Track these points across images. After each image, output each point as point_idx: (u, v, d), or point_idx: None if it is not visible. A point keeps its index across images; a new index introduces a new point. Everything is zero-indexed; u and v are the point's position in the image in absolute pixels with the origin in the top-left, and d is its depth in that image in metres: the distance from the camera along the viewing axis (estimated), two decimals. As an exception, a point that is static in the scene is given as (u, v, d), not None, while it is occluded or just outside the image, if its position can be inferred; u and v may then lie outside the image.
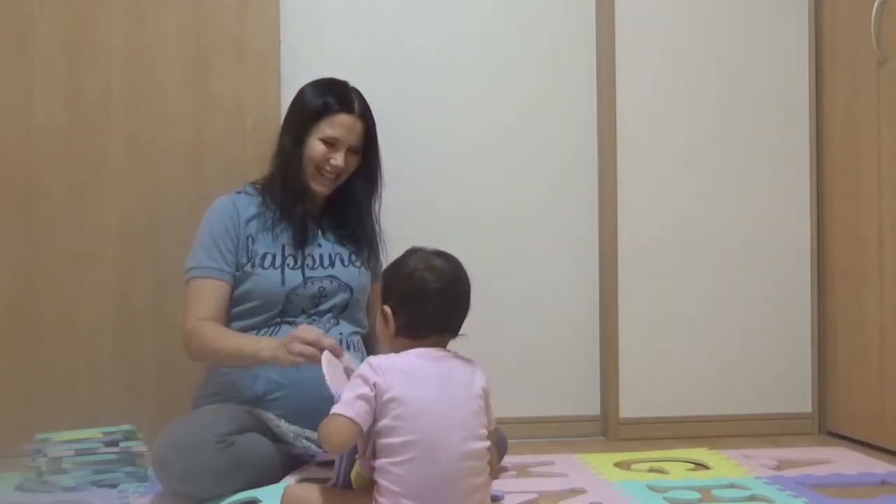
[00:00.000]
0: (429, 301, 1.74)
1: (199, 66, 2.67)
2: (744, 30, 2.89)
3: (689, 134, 2.88)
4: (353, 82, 2.39)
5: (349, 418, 1.63)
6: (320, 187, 2.33)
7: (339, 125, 2.30)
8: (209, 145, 2.66)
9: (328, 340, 1.95)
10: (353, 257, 2.37)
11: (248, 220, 2.30)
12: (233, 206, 2.31)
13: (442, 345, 1.76)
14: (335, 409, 1.65)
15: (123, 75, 2.64)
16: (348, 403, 1.64)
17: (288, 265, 2.28)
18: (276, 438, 2.16)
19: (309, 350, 1.94)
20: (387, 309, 1.76)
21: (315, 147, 2.29)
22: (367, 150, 2.37)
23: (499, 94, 2.85)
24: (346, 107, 2.31)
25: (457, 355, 1.76)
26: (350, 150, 2.32)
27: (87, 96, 2.62)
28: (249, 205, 2.33)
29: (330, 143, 2.29)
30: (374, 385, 1.65)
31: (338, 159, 2.29)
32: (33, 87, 2.60)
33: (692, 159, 2.88)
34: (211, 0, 2.67)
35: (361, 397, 1.64)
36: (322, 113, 2.30)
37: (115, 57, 2.63)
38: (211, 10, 2.67)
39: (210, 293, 2.24)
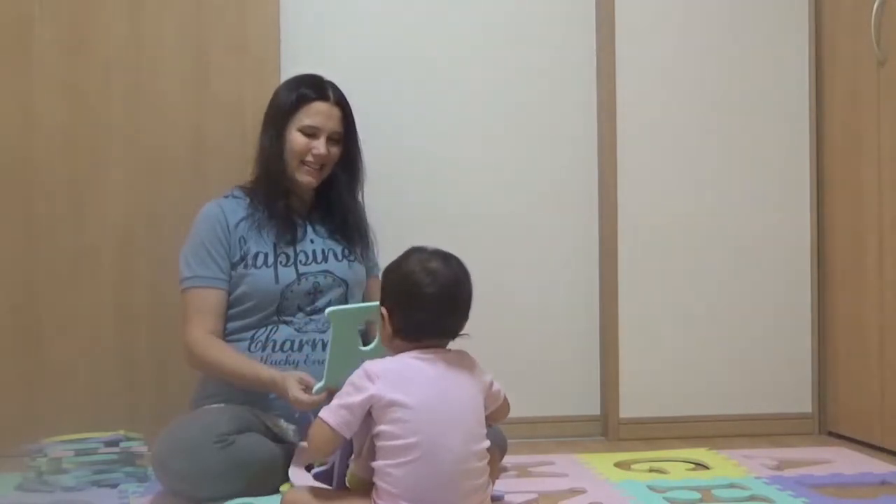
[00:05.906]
0: (424, 305, 1.71)
1: (199, 66, 2.67)
2: (744, 30, 2.89)
3: (689, 134, 2.88)
4: (352, 82, 2.40)
5: (331, 426, 1.64)
6: (307, 178, 2.31)
7: (316, 113, 2.30)
8: (209, 145, 2.66)
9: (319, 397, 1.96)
10: (347, 252, 2.36)
11: (238, 223, 2.29)
12: (220, 211, 2.30)
13: (440, 346, 1.74)
14: (321, 414, 1.67)
15: (123, 75, 2.64)
16: (333, 410, 1.66)
17: (280, 262, 2.28)
18: (277, 438, 2.17)
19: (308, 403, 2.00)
20: (383, 310, 1.75)
21: (295, 139, 2.30)
22: (346, 138, 2.36)
23: (499, 93, 2.85)
24: (321, 95, 2.32)
25: (454, 352, 1.74)
26: (330, 139, 2.32)
27: (87, 96, 2.62)
28: (237, 208, 2.32)
29: (309, 133, 2.30)
30: (371, 396, 1.64)
31: (319, 147, 2.29)
32: (33, 87, 2.60)
33: (692, 159, 2.88)
34: (211, 0, 2.67)
35: (346, 406, 1.65)
36: (298, 104, 2.30)
37: (115, 57, 2.63)
38: (211, 10, 2.67)
39: (209, 303, 2.24)
